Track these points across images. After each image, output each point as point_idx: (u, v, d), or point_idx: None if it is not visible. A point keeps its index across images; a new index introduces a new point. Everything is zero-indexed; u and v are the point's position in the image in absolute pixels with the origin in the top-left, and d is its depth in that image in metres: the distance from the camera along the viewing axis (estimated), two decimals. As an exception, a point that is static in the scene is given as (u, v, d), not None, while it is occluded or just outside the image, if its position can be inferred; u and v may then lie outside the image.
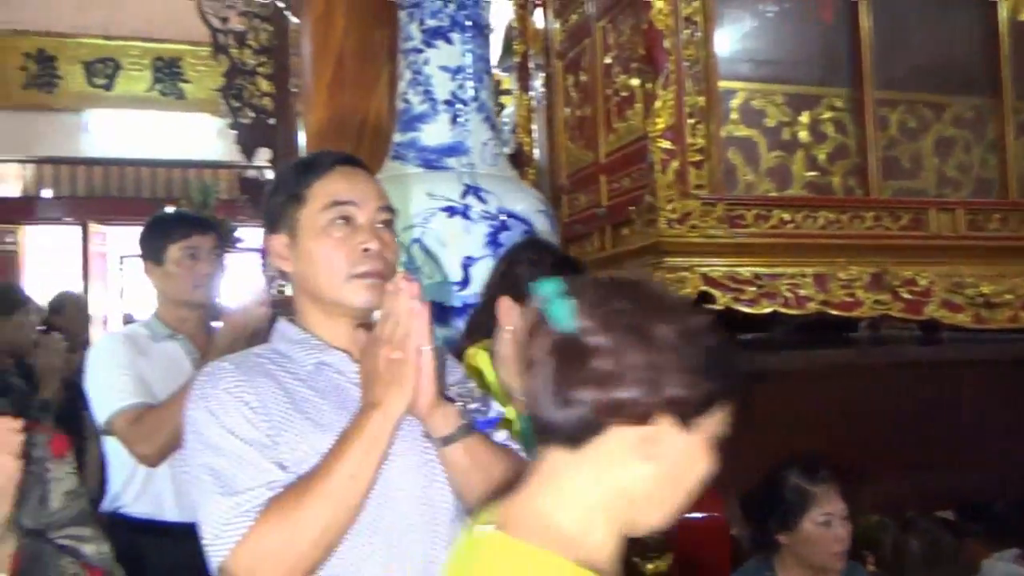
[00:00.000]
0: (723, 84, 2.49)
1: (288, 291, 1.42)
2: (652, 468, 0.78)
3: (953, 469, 2.58)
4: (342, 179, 1.21)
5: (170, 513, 1.95)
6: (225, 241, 2.11)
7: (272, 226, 1.25)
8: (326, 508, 1.03)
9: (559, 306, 0.80)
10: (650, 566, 2.20)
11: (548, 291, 0.82)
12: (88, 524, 1.26)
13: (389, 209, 1.24)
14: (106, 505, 2.01)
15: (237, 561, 1.02)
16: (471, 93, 2.13)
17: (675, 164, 2.34)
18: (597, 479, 0.80)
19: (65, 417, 2.83)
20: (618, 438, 0.78)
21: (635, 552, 2.22)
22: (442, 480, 1.18)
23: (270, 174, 4.84)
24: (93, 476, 2.52)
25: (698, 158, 2.39)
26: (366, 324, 1.21)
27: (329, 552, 1.05)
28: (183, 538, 1.93)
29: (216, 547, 1.03)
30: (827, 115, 2.65)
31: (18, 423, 1.02)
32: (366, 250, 1.18)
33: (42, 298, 4.47)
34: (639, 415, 0.77)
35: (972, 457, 2.61)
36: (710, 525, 2.15)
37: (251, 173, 5.44)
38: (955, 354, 2.79)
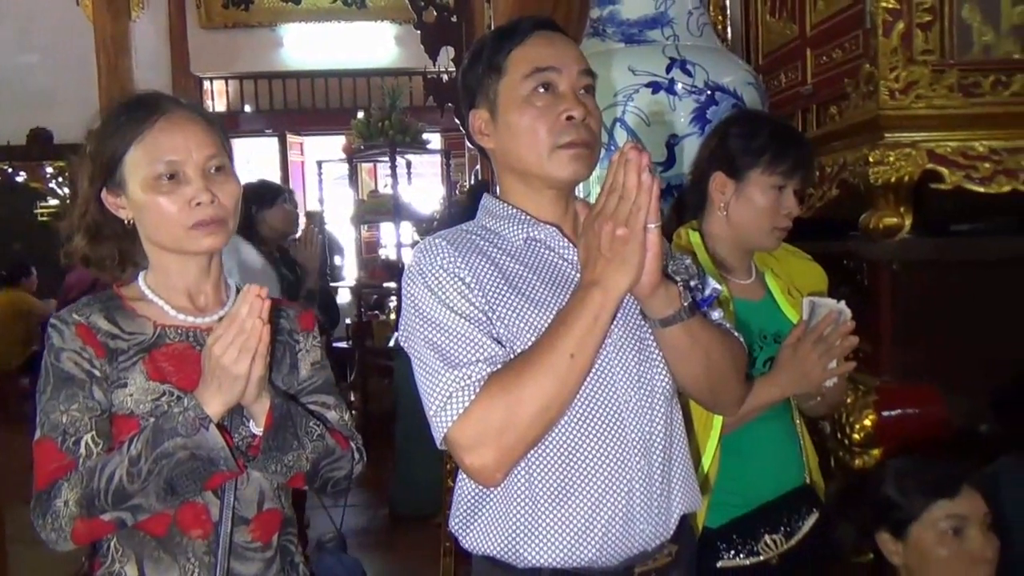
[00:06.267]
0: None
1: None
2: None
3: None
4: (543, 44, 1.16)
5: None
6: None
7: (471, 102, 1.21)
8: (547, 386, 1.02)
9: None
10: (858, 461, 2.12)
11: None
12: (332, 393, 1.34)
13: (590, 73, 1.18)
14: None
15: (459, 434, 1.05)
16: (673, -42, 2.00)
17: (900, 26, 2.09)
18: None
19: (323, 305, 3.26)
20: None
21: (842, 447, 2.14)
22: (658, 361, 1.16)
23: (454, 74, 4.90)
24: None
25: (927, 18, 2.12)
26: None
27: (547, 430, 1.06)
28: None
29: (440, 419, 1.06)
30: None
31: (264, 291, 1.08)
32: (569, 118, 1.13)
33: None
34: None
35: None
36: (923, 420, 2.03)
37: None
38: None
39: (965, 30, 2.22)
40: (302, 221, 3.90)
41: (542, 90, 1.14)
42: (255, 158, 9.63)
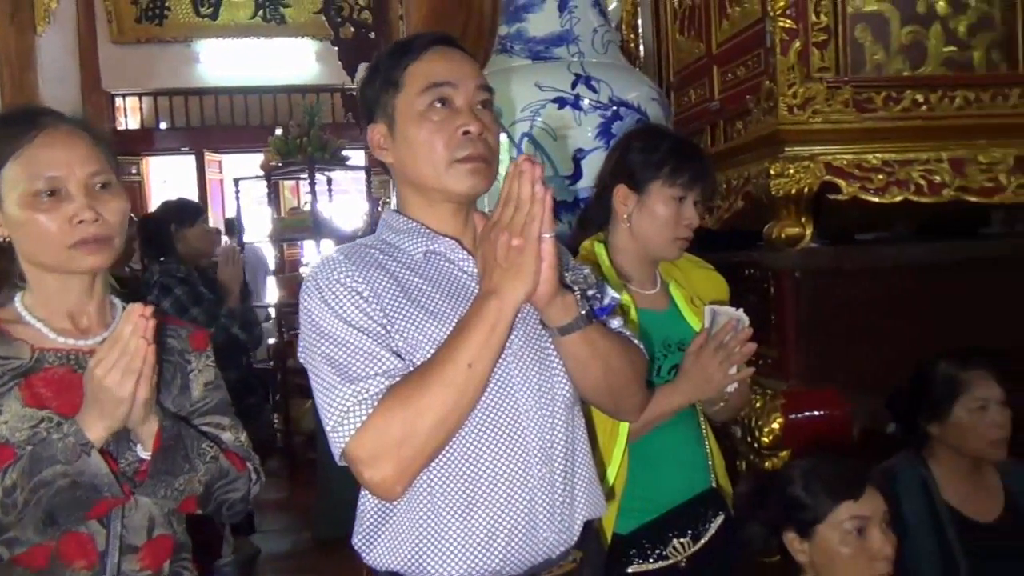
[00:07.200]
0: (849, -47, 2.28)
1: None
2: None
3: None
4: (439, 59, 1.17)
5: None
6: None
7: (370, 116, 1.21)
8: (445, 396, 1.02)
9: None
10: (767, 464, 2.18)
11: None
12: (227, 414, 1.31)
13: (487, 88, 1.20)
14: None
15: (358, 448, 1.04)
16: (579, -22, 2.04)
17: (797, 45, 2.19)
18: None
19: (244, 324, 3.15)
20: None
21: (752, 451, 2.20)
22: (558, 370, 1.17)
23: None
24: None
25: (822, 38, 2.22)
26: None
27: (447, 440, 1.06)
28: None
29: (338, 434, 1.05)
30: (970, -20, 2.40)
31: (148, 309, 1.05)
32: (466, 133, 1.14)
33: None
34: None
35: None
36: (829, 422, 2.10)
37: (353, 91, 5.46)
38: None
39: (858, 49, 2.34)
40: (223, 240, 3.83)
41: (439, 105, 1.15)
42: (172, 176, 9.37)
